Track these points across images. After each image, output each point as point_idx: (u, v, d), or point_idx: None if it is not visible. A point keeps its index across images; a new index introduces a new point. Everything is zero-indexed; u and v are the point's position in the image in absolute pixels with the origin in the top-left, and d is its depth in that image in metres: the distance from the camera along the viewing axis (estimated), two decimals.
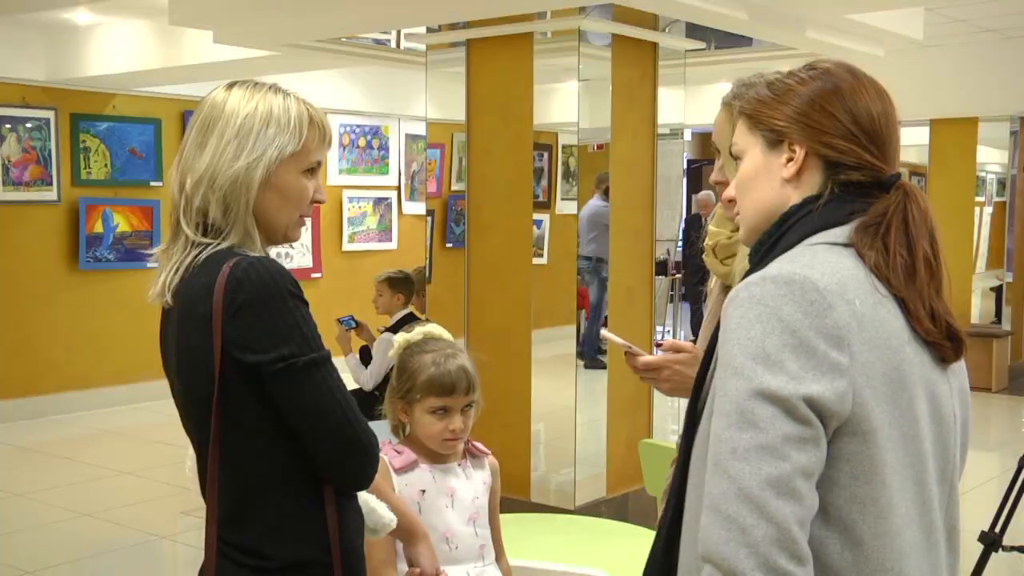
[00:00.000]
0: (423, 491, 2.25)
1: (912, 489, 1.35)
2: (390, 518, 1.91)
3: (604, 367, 5.51)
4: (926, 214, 1.43)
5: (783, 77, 1.49)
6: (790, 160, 1.45)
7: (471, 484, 2.32)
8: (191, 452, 1.81)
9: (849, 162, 1.43)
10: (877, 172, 1.44)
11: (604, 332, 2.23)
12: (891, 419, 1.33)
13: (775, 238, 1.44)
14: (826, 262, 1.35)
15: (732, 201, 1.55)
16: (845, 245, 1.40)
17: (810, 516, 1.27)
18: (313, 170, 1.78)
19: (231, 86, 1.78)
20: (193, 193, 1.71)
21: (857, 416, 1.30)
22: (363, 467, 1.71)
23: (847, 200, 1.43)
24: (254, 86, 1.77)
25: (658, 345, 1.97)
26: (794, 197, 1.45)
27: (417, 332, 2.34)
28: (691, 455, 1.44)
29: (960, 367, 1.47)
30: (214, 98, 1.77)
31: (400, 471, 2.24)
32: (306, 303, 1.67)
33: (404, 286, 5.71)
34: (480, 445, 2.40)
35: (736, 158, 1.53)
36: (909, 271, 1.38)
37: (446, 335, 2.36)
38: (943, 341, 1.40)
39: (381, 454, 2.20)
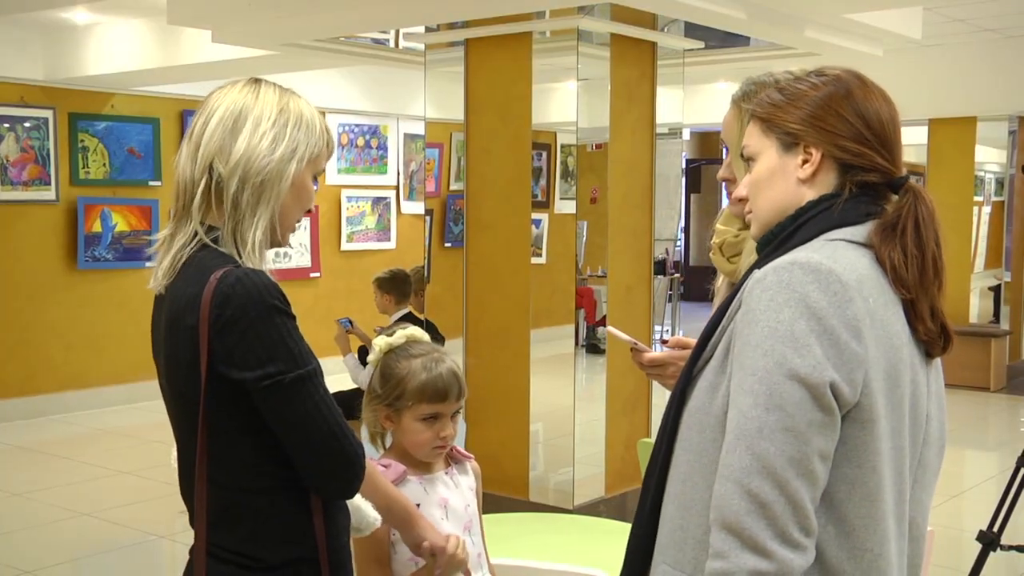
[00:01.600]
0: (417, 505, 2.14)
1: (894, 481, 1.44)
2: (374, 517, 1.91)
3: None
4: (933, 214, 1.50)
5: (794, 82, 1.55)
6: (806, 162, 1.52)
7: (460, 492, 2.23)
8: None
9: (863, 164, 1.50)
10: (888, 174, 1.51)
11: (609, 328, 2.22)
12: (886, 412, 1.41)
13: (790, 230, 1.51)
14: (846, 258, 1.43)
15: (742, 200, 1.61)
16: (862, 245, 1.47)
17: (820, 493, 1.37)
18: (316, 177, 1.83)
19: (256, 82, 1.80)
20: (229, 176, 1.71)
21: (861, 404, 1.38)
22: (349, 479, 1.71)
23: (863, 201, 1.50)
24: (279, 87, 1.81)
25: (664, 342, 1.99)
26: (809, 196, 1.52)
27: (399, 336, 2.22)
28: (680, 421, 1.52)
29: (939, 372, 1.58)
30: (241, 91, 1.77)
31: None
32: (293, 317, 1.67)
33: (392, 286, 5.71)
34: (462, 449, 2.31)
35: (748, 159, 1.59)
36: (921, 271, 1.47)
37: (426, 337, 2.26)
38: (936, 339, 1.51)
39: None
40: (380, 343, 2.22)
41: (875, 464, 1.39)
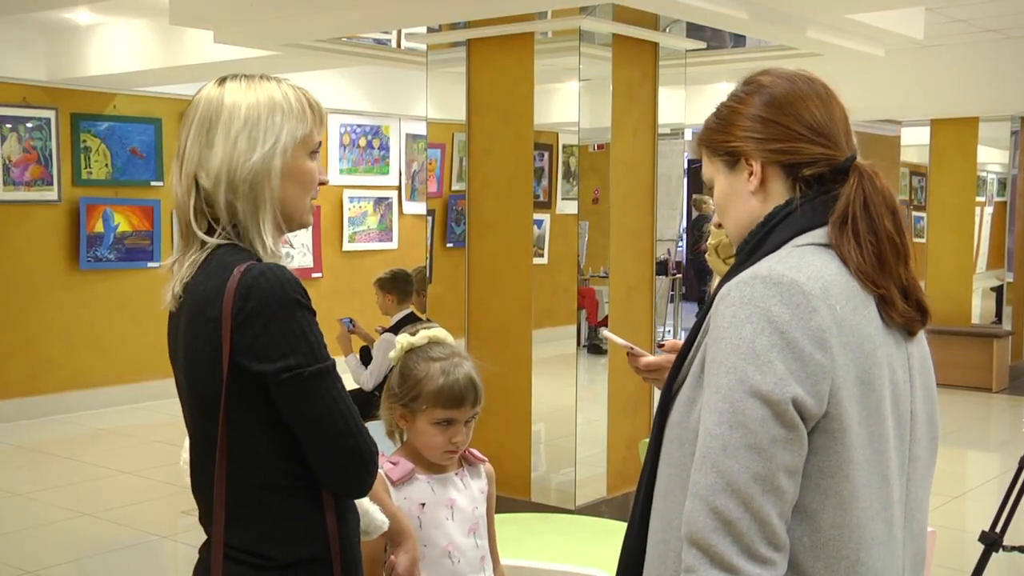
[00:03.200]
0: (423, 504, 2.16)
1: (877, 485, 1.43)
2: (382, 520, 1.92)
3: None
4: (883, 191, 1.49)
5: (726, 101, 1.59)
6: (751, 175, 1.54)
7: (469, 494, 2.23)
8: (186, 445, 1.81)
9: (803, 159, 1.51)
10: (831, 160, 1.51)
11: (606, 333, 2.21)
12: (860, 419, 1.40)
13: (759, 237, 1.52)
14: (812, 265, 1.43)
15: (720, 226, 1.65)
16: (828, 246, 1.47)
17: (790, 508, 1.37)
18: (315, 152, 1.79)
19: (222, 81, 1.76)
20: (215, 191, 1.70)
21: (830, 415, 1.38)
22: (363, 477, 1.71)
23: (830, 199, 1.50)
24: (246, 77, 1.76)
25: (660, 346, 1.97)
26: (766, 207, 1.53)
27: (421, 336, 2.22)
28: (663, 436, 1.53)
29: (928, 366, 1.56)
30: (208, 95, 1.74)
31: (398, 484, 2.15)
32: (313, 312, 1.67)
33: (393, 286, 5.72)
34: (476, 452, 2.30)
35: (710, 188, 1.63)
36: (878, 255, 1.46)
37: (449, 339, 2.25)
38: (914, 316, 1.50)
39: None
40: (402, 341, 2.22)
41: (848, 473, 1.39)
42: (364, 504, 1.88)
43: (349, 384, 5.51)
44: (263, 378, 1.63)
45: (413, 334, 2.23)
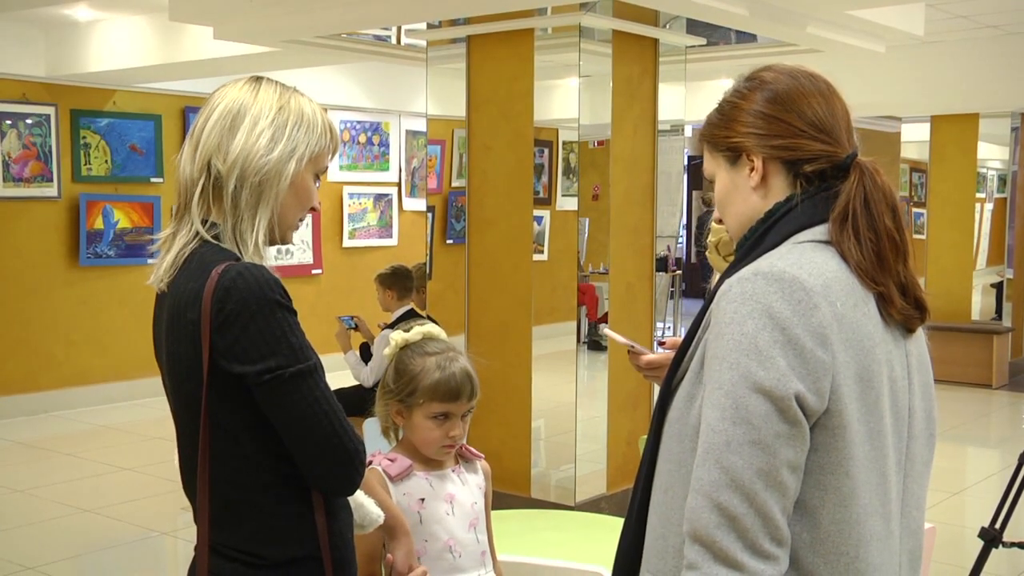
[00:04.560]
0: (422, 499, 2.17)
1: (876, 481, 1.43)
2: (377, 513, 1.92)
3: None
4: (883, 187, 1.49)
5: (728, 96, 1.59)
6: (752, 170, 1.54)
7: (468, 489, 2.24)
8: None
9: (805, 156, 1.51)
10: (832, 156, 1.51)
11: (606, 330, 2.22)
12: (860, 415, 1.41)
13: (759, 233, 1.52)
14: (813, 262, 1.43)
15: (721, 222, 1.64)
16: (829, 243, 1.47)
17: (792, 503, 1.38)
18: (319, 176, 1.82)
19: (257, 80, 1.79)
20: (228, 174, 1.71)
21: (831, 411, 1.38)
22: (350, 475, 1.71)
23: (831, 196, 1.49)
24: (281, 85, 1.80)
25: (661, 343, 1.98)
26: (767, 203, 1.53)
27: (416, 332, 2.23)
28: (663, 432, 1.52)
29: (926, 363, 1.57)
30: (241, 88, 1.77)
31: (396, 479, 2.16)
32: (294, 312, 1.67)
33: (393, 281, 5.72)
34: (472, 448, 2.32)
35: (711, 182, 1.63)
36: (878, 253, 1.46)
37: (443, 335, 2.27)
38: (912, 313, 1.50)
39: (375, 465, 2.15)
40: (396, 338, 2.23)
41: (848, 469, 1.39)
42: (359, 498, 1.88)
43: (349, 380, 5.54)
44: (244, 380, 1.63)
45: (407, 331, 2.25)
